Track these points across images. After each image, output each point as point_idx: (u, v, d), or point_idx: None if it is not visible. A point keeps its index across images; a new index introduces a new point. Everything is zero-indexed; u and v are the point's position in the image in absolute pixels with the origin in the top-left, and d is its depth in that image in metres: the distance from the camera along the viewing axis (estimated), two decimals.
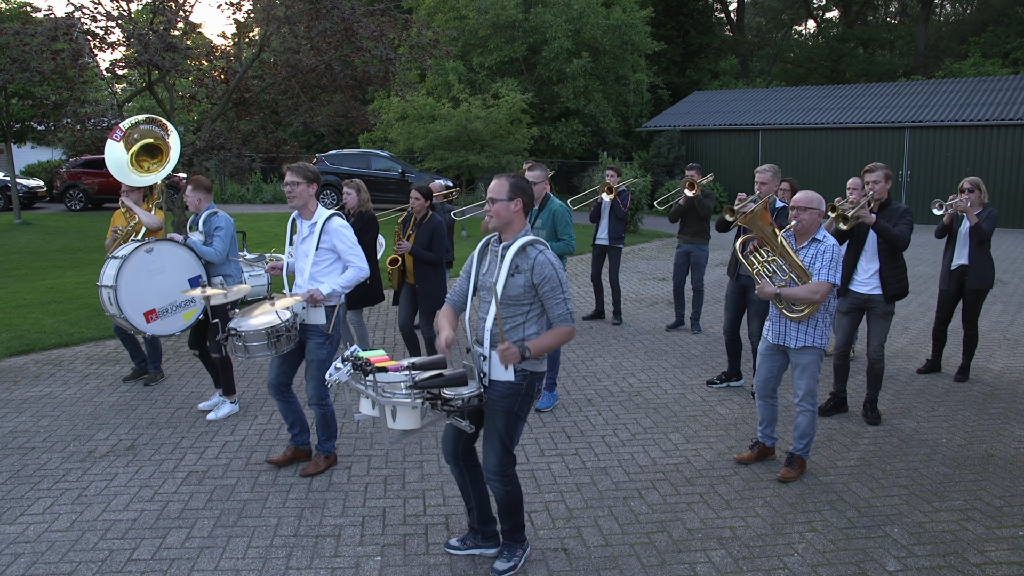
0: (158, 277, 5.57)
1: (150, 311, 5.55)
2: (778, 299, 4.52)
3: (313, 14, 12.34)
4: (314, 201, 4.63)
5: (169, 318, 5.67)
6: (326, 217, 4.59)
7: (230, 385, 5.85)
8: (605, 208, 8.71)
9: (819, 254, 4.48)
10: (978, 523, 4.13)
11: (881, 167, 5.51)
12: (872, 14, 42.99)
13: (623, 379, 6.74)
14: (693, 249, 8.31)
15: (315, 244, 4.55)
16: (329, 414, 4.74)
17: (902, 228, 5.40)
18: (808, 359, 4.57)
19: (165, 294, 5.62)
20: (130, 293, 5.51)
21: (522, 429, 3.57)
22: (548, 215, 6.01)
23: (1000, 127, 19.84)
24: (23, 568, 3.69)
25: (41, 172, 26.51)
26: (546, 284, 3.36)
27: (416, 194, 6.43)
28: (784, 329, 4.61)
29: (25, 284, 11.02)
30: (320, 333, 4.58)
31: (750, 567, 3.71)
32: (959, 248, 6.55)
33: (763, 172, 6.20)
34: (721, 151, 24.15)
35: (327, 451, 4.82)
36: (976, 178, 6.55)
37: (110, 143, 6.13)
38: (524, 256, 3.39)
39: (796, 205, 4.55)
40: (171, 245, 5.68)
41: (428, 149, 22.46)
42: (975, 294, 6.53)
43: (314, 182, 4.57)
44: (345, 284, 4.57)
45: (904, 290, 5.52)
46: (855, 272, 5.63)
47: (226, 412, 5.78)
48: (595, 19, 26.09)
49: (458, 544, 3.84)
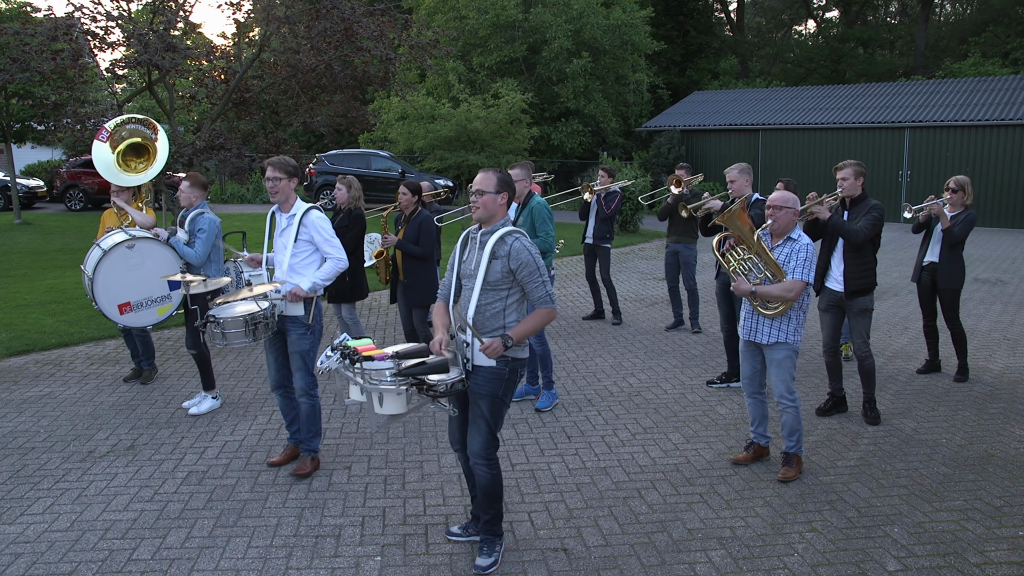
0: (136, 272, 5.74)
1: (125, 303, 5.75)
2: (753, 296, 4.56)
3: (313, 14, 12.34)
4: (294, 195, 4.69)
5: (143, 311, 5.85)
6: (304, 210, 4.65)
7: (209, 380, 5.93)
8: (592, 208, 8.75)
9: (793, 253, 4.54)
10: (978, 523, 4.13)
11: (851, 164, 5.52)
12: (872, 14, 42.97)
13: (623, 379, 6.74)
14: (681, 249, 8.35)
15: (293, 236, 4.61)
16: (317, 406, 4.75)
17: (861, 224, 5.40)
18: (781, 355, 4.59)
19: (142, 288, 5.78)
20: (106, 284, 5.69)
21: (506, 413, 3.69)
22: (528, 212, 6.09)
23: (1000, 127, 19.83)
24: (23, 568, 3.69)
25: (41, 172, 26.50)
26: (523, 269, 3.52)
27: (404, 189, 6.54)
28: (756, 325, 4.66)
29: (25, 284, 11.02)
30: (300, 324, 4.63)
31: (750, 567, 3.71)
32: (932, 245, 6.61)
33: (731, 171, 6.30)
34: (721, 151, 24.13)
35: (312, 451, 4.79)
36: (963, 178, 6.58)
37: (96, 144, 6.19)
38: (502, 243, 3.56)
39: (772, 205, 4.62)
40: (154, 243, 5.78)
41: (428, 149, 22.48)
42: (948, 293, 6.58)
43: (295, 176, 4.62)
44: (325, 277, 4.61)
45: (869, 286, 5.52)
46: (829, 269, 5.68)
47: (208, 406, 5.85)
48: (595, 19, 26.09)
49: (459, 531, 3.93)
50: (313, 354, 4.68)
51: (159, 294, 5.83)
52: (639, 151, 25.92)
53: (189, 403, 5.96)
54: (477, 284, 3.57)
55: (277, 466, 4.86)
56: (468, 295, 3.63)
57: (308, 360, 4.67)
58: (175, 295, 5.86)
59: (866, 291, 5.52)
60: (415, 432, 5.44)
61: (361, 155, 22.52)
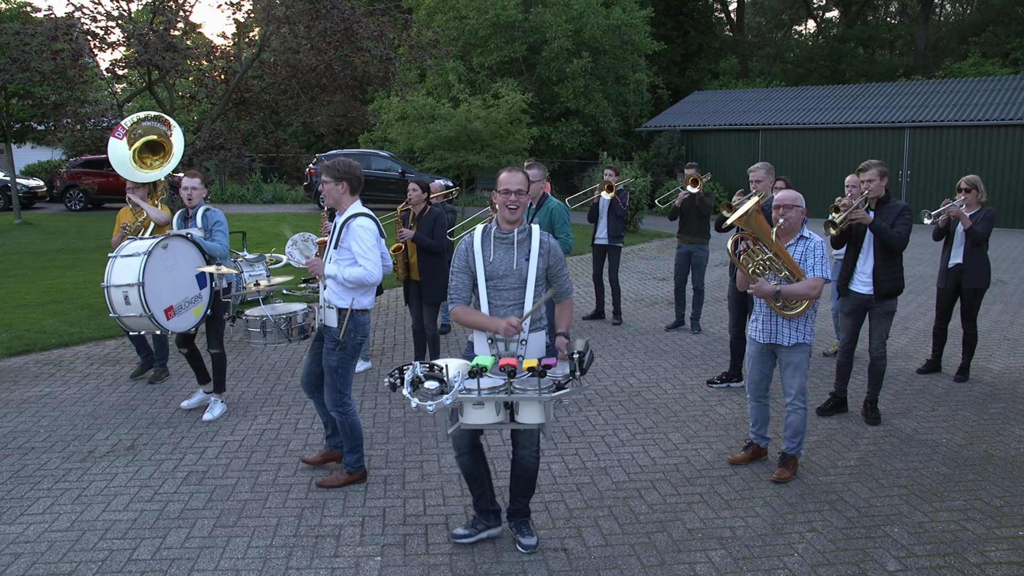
0: (173, 273, 5.44)
1: (168, 308, 5.39)
2: (776, 296, 4.52)
3: (313, 14, 12.33)
4: (347, 197, 4.45)
5: (184, 314, 5.53)
6: (350, 215, 4.43)
7: (221, 383, 5.87)
8: (604, 207, 8.72)
9: (809, 251, 4.54)
10: (978, 523, 4.13)
11: (875, 164, 5.49)
12: (872, 14, 42.97)
13: (623, 379, 6.74)
14: (694, 249, 8.32)
15: (335, 240, 4.46)
16: (349, 423, 4.50)
17: (899, 229, 5.38)
18: (800, 357, 4.59)
19: (179, 290, 5.48)
20: (154, 290, 5.25)
21: None
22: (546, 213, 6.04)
23: (1000, 127, 19.83)
24: (23, 568, 3.69)
25: (41, 172, 26.48)
26: (558, 263, 3.78)
27: (414, 186, 6.53)
28: (775, 328, 4.62)
29: (25, 284, 11.02)
30: (331, 338, 4.41)
31: (750, 567, 3.71)
32: (956, 247, 6.56)
33: (756, 171, 6.24)
34: (721, 151, 24.15)
35: (349, 465, 4.59)
36: (974, 177, 6.54)
37: (113, 141, 6.14)
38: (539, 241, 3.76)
39: (782, 204, 4.59)
40: (182, 241, 5.57)
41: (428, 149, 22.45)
42: (972, 293, 6.53)
43: (343, 180, 4.41)
44: (348, 276, 4.31)
45: (898, 289, 5.51)
46: (855, 272, 5.63)
47: (219, 411, 5.80)
48: (595, 19, 26.08)
49: (467, 531, 3.92)
50: (342, 372, 4.44)
51: (192, 294, 5.58)
52: (639, 151, 25.92)
53: (189, 403, 5.94)
54: (531, 281, 3.69)
55: (311, 464, 4.83)
56: (507, 296, 3.71)
57: (335, 378, 4.43)
58: (204, 293, 5.63)
59: (896, 293, 5.51)
60: (415, 432, 5.44)
61: (361, 155, 22.50)
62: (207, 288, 5.67)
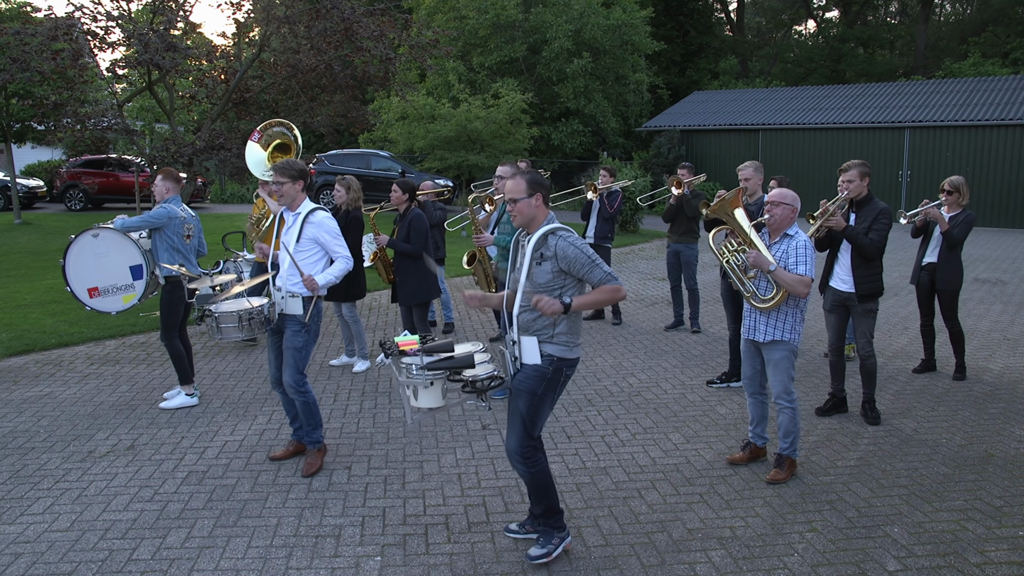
0: (102, 260, 6.20)
1: (94, 288, 6.25)
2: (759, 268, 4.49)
3: (313, 14, 12.35)
4: (301, 195, 4.72)
5: (110, 297, 6.29)
6: (310, 209, 4.69)
7: (184, 374, 6.04)
8: (594, 207, 8.76)
9: (792, 249, 4.50)
10: (978, 523, 4.13)
11: (856, 165, 5.48)
12: (872, 14, 42.96)
13: (623, 379, 6.74)
14: (682, 249, 8.37)
15: (296, 235, 4.65)
16: (311, 401, 4.77)
17: (873, 236, 5.37)
18: (779, 354, 4.57)
19: (107, 275, 6.24)
20: (76, 270, 6.26)
21: (546, 415, 3.67)
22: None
23: (1000, 127, 19.83)
24: (23, 568, 3.69)
25: (41, 172, 26.48)
26: (575, 264, 3.52)
27: (396, 188, 6.66)
28: (754, 323, 4.64)
29: (25, 284, 11.02)
30: (297, 322, 4.66)
31: (750, 567, 3.71)
32: (931, 247, 6.62)
33: (744, 169, 6.26)
34: (721, 151, 24.14)
35: (316, 442, 4.83)
36: (958, 179, 6.56)
37: (250, 144, 6.78)
38: (546, 245, 3.57)
39: (770, 200, 4.61)
40: (116, 234, 6.12)
41: (428, 149, 22.47)
42: (947, 295, 6.59)
43: (300, 179, 4.67)
44: (336, 275, 4.70)
45: (876, 291, 5.51)
46: (833, 269, 5.66)
47: (179, 403, 5.94)
48: (595, 19, 26.09)
49: (517, 528, 3.98)
50: (305, 353, 4.71)
51: (123, 283, 6.24)
52: (639, 151, 25.92)
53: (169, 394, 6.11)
54: (520, 287, 3.63)
55: (279, 460, 4.90)
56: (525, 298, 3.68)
57: (298, 358, 4.67)
58: (137, 285, 6.22)
59: (874, 295, 5.51)
60: (415, 432, 5.44)
61: (361, 155, 22.50)
62: (142, 281, 6.19)
